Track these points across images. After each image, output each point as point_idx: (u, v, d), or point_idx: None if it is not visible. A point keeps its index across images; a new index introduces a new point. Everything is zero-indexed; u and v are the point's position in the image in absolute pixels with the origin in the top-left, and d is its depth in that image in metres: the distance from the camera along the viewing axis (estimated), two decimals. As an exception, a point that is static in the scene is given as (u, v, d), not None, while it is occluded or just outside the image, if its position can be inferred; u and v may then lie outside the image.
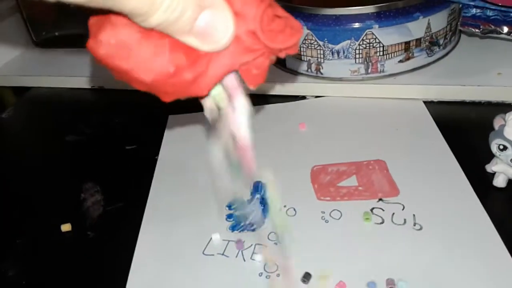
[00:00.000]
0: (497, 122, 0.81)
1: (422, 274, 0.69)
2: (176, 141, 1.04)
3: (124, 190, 0.93)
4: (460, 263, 0.70)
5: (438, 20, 1.06)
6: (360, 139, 0.98)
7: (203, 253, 0.78)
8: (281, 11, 0.49)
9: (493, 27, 1.05)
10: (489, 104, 1.03)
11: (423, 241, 0.75)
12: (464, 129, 0.97)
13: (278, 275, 0.73)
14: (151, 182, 0.93)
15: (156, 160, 0.98)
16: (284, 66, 1.16)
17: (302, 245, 0.76)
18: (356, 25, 1.03)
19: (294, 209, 0.84)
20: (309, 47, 1.08)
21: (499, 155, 0.80)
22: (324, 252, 0.75)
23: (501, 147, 0.78)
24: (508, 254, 0.71)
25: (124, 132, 1.09)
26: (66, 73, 1.30)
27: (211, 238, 0.80)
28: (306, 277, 0.70)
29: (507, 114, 0.78)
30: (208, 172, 0.92)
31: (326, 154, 0.95)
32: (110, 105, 1.20)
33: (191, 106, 1.13)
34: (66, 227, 0.84)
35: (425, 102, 1.05)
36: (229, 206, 0.85)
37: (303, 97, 1.13)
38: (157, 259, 0.77)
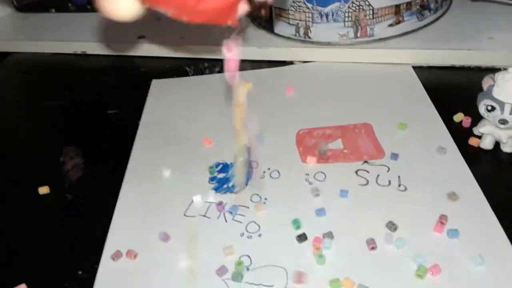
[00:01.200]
0: (485, 83, 0.79)
1: (406, 234, 0.68)
2: (159, 106, 1.01)
3: (105, 154, 0.90)
4: (444, 224, 0.69)
5: (429, -17, 1.04)
6: (347, 104, 0.96)
7: (184, 214, 0.76)
8: None
9: (485, -11, 1.03)
10: (478, 69, 1.01)
11: (407, 201, 0.74)
12: (453, 94, 0.95)
13: (259, 235, 0.71)
14: (132, 146, 0.91)
15: (138, 124, 0.96)
16: (272, 31, 1.13)
17: (285, 204, 0.75)
18: (346, -14, 1.00)
19: (278, 172, 0.82)
20: (298, 10, 1.05)
21: (487, 116, 0.78)
22: (306, 211, 0.73)
23: (489, 108, 0.77)
24: (494, 216, 0.70)
25: (107, 97, 1.06)
26: (48, 38, 1.26)
27: (192, 200, 0.78)
28: (301, 237, 0.69)
29: (496, 74, 0.77)
30: (191, 136, 0.94)
31: (313, 118, 0.93)
32: (92, 70, 1.17)
33: (174, 71, 1.14)
34: (44, 190, 0.82)
35: (414, 68, 1.03)
36: (213, 168, 0.83)
37: (291, 63, 1.10)
38: (137, 221, 0.75)
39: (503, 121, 0.75)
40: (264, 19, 1.13)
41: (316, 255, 0.66)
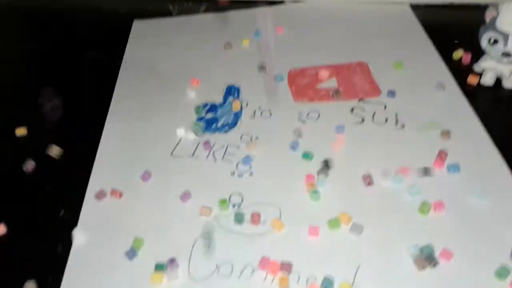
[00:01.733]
0: (489, 15, 0.75)
1: (402, 167, 0.65)
2: (142, 47, 0.95)
3: (85, 96, 0.85)
4: (444, 159, 0.66)
5: None
6: (341, 43, 0.91)
7: (171, 155, 0.72)
8: None
9: None
10: (477, 7, 0.96)
11: (405, 138, 0.71)
12: (451, 33, 0.91)
13: (251, 173, 0.68)
14: (114, 87, 0.85)
15: (119, 66, 0.90)
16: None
17: (277, 143, 0.71)
18: None
19: (270, 112, 0.78)
20: None
21: (489, 50, 0.74)
22: (298, 149, 0.70)
23: (492, 40, 0.73)
24: (496, 150, 0.68)
25: (85, 39, 1.00)
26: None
27: (180, 139, 0.74)
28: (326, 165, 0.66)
29: (500, 5, 0.72)
30: (177, 77, 0.89)
31: (305, 58, 0.88)
32: (70, 12, 1.10)
33: (157, 12, 1.07)
34: (21, 131, 0.77)
35: (412, 6, 0.98)
36: (200, 109, 0.79)
37: (281, 2, 1.04)
38: (121, 161, 0.71)
39: (506, 54, 0.72)
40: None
41: (310, 191, 0.63)
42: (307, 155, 0.68)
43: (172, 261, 0.56)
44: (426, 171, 0.64)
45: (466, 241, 0.57)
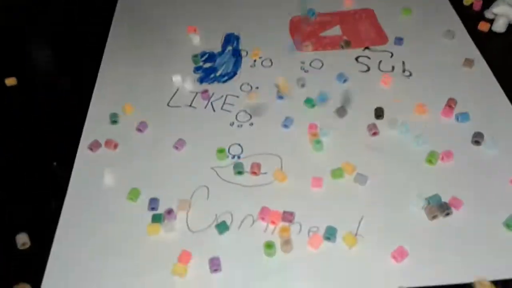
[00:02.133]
0: (503, -45, 0.70)
1: (412, 119, 0.63)
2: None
3: (77, 45, 0.81)
4: (453, 108, 0.63)
5: None
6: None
7: (167, 104, 0.69)
8: None
9: None
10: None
11: (412, 87, 0.68)
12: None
13: (251, 124, 0.65)
14: (107, 35, 0.81)
15: (113, 13, 0.86)
16: None
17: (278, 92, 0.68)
18: None
19: (271, 60, 0.75)
20: None
21: (503, -7, 0.70)
22: (300, 98, 0.67)
23: (507, -17, 0.68)
24: (506, 98, 0.65)
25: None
26: None
27: (177, 89, 0.71)
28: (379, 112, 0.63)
29: None
30: (173, 24, 0.84)
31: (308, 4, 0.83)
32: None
33: None
34: (11, 81, 0.74)
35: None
36: (198, 58, 0.75)
37: None
38: (115, 111, 0.68)
39: (522, -3, 0.67)
40: None
41: (313, 142, 0.61)
42: (309, 101, 0.65)
43: (169, 212, 0.54)
44: (433, 120, 0.62)
45: (475, 191, 0.55)
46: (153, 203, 0.56)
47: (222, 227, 0.53)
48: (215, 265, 0.49)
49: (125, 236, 0.53)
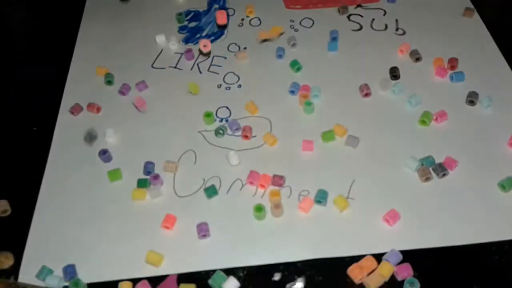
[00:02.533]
0: None
1: (405, 80, 0.61)
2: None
3: (53, 11, 0.77)
4: (456, 67, 0.61)
5: None
6: None
7: (152, 66, 0.66)
8: None
9: None
10: None
11: (406, 45, 0.65)
12: None
13: (239, 86, 0.63)
14: None
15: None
16: None
17: (267, 53, 0.66)
18: None
19: (259, 19, 0.72)
20: None
21: None
22: (290, 58, 0.64)
23: None
24: (502, 57, 0.63)
25: None
26: None
27: (161, 50, 0.68)
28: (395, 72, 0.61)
29: None
30: None
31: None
32: None
33: None
34: (-14, 43, 0.70)
35: None
36: (182, 17, 0.72)
37: None
38: (96, 73, 0.65)
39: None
40: None
41: (304, 103, 0.59)
42: (295, 64, 0.63)
43: (155, 177, 0.52)
44: (427, 79, 0.60)
45: (469, 152, 0.53)
46: (148, 166, 0.54)
47: (210, 191, 0.51)
48: (203, 230, 0.48)
49: (109, 202, 0.51)
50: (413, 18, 0.69)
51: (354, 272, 0.45)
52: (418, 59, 0.63)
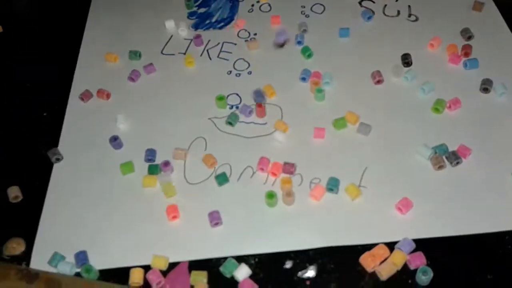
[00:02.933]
0: None
1: (418, 67, 0.60)
2: None
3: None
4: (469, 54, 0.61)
5: None
6: None
7: (161, 52, 0.66)
8: None
9: None
10: None
11: (419, 32, 0.64)
12: None
13: (249, 72, 0.62)
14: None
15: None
16: None
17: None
18: None
19: (269, 5, 0.71)
20: None
21: None
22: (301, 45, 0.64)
23: None
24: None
25: None
26: None
27: (171, 36, 0.67)
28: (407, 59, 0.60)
29: None
30: None
31: None
32: None
33: None
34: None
35: None
36: (191, 2, 0.71)
37: None
38: (105, 59, 0.64)
39: None
40: None
41: (315, 90, 0.58)
42: (306, 50, 0.62)
43: (166, 164, 0.52)
44: (440, 67, 0.59)
45: (482, 140, 0.53)
46: (149, 153, 0.54)
47: (221, 178, 0.51)
48: (215, 218, 0.48)
49: (120, 189, 0.51)
50: (426, 4, 0.68)
51: (367, 261, 0.44)
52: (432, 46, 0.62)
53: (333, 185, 0.49)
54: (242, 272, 0.45)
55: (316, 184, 0.50)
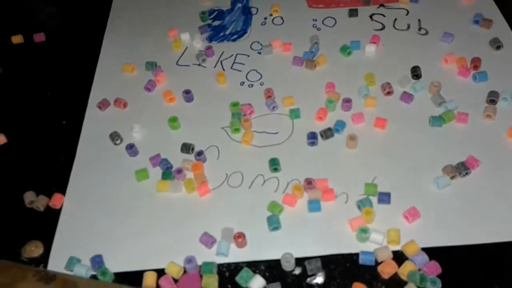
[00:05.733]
0: None
1: (427, 79, 0.61)
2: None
3: (81, 9, 0.79)
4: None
5: None
6: None
7: (177, 63, 0.67)
8: None
9: None
10: None
11: (428, 46, 0.66)
12: None
13: (262, 83, 0.64)
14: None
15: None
16: None
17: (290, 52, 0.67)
18: None
19: (282, 18, 0.72)
20: None
21: None
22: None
23: None
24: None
25: None
26: None
27: (186, 48, 0.69)
28: (416, 71, 0.61)
29: None
30: None
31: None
32: None
33: None
34: (17, 39, 0.72)
35: None
36: (206, 15, 0.73)
37: None
38: (123, 71, 0.67)
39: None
40: None
41: (326, 100, 0.59)
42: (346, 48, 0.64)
43: (179, 171, 0.54)
44: (449, 79, 0.60)
45: (491, 151, 0.53)
46: (165, 163, 0.55)
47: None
48: (208, 242, 0.48)
49: (135, 195, 0.53)
50: (436, 19, 0.69)
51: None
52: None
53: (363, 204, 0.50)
54: (257, 283, 0.45)
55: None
